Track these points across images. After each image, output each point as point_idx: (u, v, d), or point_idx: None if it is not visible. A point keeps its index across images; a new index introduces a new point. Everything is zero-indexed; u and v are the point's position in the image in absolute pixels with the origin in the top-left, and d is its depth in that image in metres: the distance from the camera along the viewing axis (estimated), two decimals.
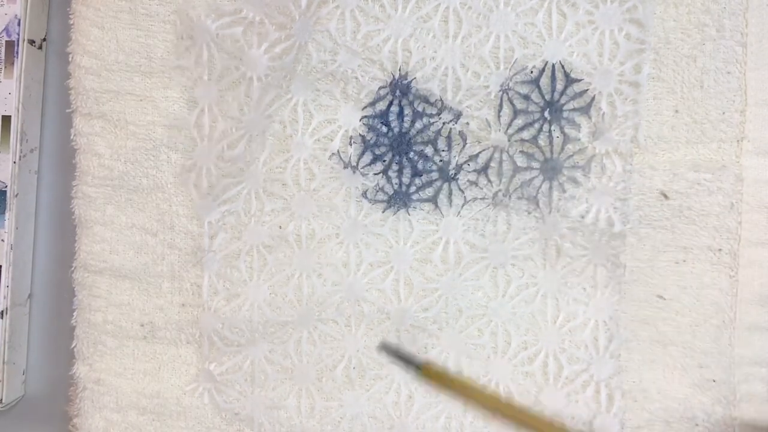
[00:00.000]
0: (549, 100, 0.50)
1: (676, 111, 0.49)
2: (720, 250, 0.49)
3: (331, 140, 0.51)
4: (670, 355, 0.50)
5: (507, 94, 0.50)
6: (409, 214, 0.51)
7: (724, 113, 0.49)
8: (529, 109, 0.50)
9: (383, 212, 0.51)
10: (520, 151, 0.50)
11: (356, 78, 0.51)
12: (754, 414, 0.49)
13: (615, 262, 0.50)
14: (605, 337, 0.50)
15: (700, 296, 0.49)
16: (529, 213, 0.50)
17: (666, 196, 0.49)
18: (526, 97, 0.50)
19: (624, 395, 0.50)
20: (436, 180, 0.51)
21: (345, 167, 0.51)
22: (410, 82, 0.50)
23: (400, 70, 0.50)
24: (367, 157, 0.51)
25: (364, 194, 0.51)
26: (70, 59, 0.52)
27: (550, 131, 0.50)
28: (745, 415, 0.50)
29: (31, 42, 0.54)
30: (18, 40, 0.53)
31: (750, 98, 0.49)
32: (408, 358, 0.49)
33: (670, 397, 0.50)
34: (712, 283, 0.49)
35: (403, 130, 0.51)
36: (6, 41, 0.53)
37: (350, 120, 0.51)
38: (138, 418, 0.53)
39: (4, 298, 0.54)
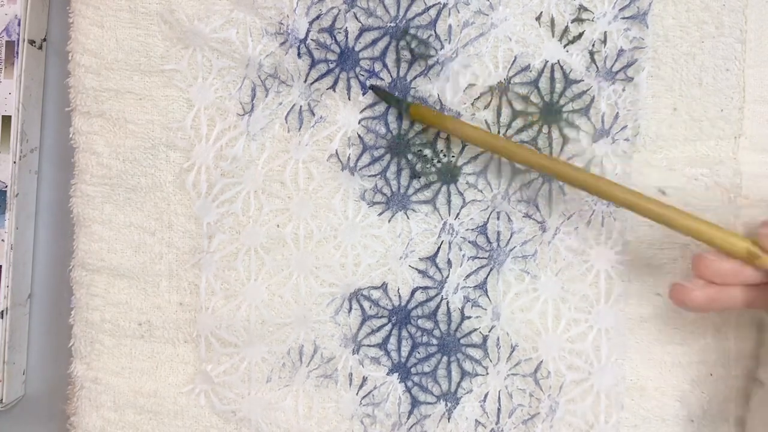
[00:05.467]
0: (548, 102, 0.50)
1: (675, 109, 0.49)
2: None
3: (330, 141, 0.51)
4: (668, 353, 0.49)
5: (506, 95, 0.50)
6: (407, 216, 0.51)
7: (722, 110, 0.49)
8: (528, 111, 0.50)
9: (381, 214, 0.51)
10: None
11: (356, 78, 0.51)
12: (752, 410, 0.49)
13: (618, 267, 0.49)
14: (607, 346, 0.50)
15: None
16: (529, 216, 0.50)
17: (663, 193, 0.49)
18: (526, 99, 0.50)
19: (624, 406, 0.49)
20: (435, 182, 0.51)
21: (343, 168, 0.51)
22: (409, 83, 0.50)
23: (399, 71, 0.51)
24: (366, 159, 0.51)
25: (362, 196, 0.51)
26: (69, 58, 0.52)
27: (549, 133, 0.50)
28: (742, 410, 0.49)
29: (31, 42, 0.55)
30: (18, 40, 0.54)
31: (748, 95, 0.49)
32: (396, 98, 0.50)
33: (668, 395, 0.49)
34: None
35: (402, 132, 0.51)
36: (6, 41, 0.54)
37: (349, 121, 0.51)
38: (135, 417, 0.52)
39: (4, 298, 0.54)
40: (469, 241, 0.51)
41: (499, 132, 0.50)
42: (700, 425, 0.49)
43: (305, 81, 0.51)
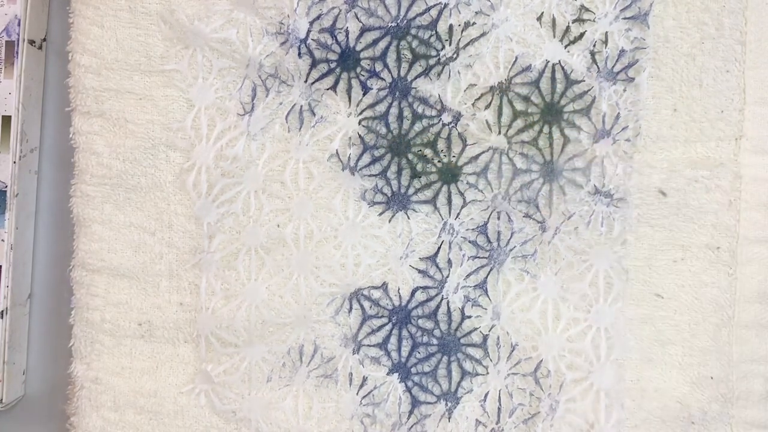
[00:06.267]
0: (549, 102, 0.50)
1: (675, 110, 0.49)
2: (718, 248, 0.49)
3: (331, 141, 0.51)
4: (669, 354, 0.49)
5: (507, 95, 0.50)
6: (408, 216, 0.51)
7: (722, 112, 0.49)
8: (529, 111, 0.50)
9: (381, 214, 0.51)
10: (520, 153, 0.50)
11: (356, 78, 0.51)
12: (751, 411, 0.49)
13: (617, 267, 0.50)
14: (606, 345, 0.50)
15: (699, 294, 0.49)
16: (530, 216, 0.50)
17: (664, 194, 0.49)
18: (526, 99, 0.50)
19: (625, 406, 0.50)
20: (435, 182, 0.51)
21: (344, 169, 0.51)
22: (410, 83, 0.50)
23: (400, 71, 0.51)
24: (366, 159, 0.51)
25: (363, 196, 0.51)
26: (69, 58, 0.52)
27: (550, 133, 0.50)
28: (742, 412, 0.49)
29: (31, 42, 0.55)
30: (18, 40, 0.54)
31: (749, 97, 0.49)
32: None
33: (668, 396, 0.49)
34: (710, 281, 0.49)
35: (403, 132, 0.51)
36: (6, 41, 0.54)
37: (350, 121, 0.51)
38: (135, 416, 0.52)
39: (4, 298, 0.54)
40: (469, 241, 0.51)
41: (500, 132, 0.50)
42: (700, 427, 0.49)
43: (306, 81, 0.51)
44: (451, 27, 0.50)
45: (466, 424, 0.51)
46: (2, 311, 0.54)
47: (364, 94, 0.51)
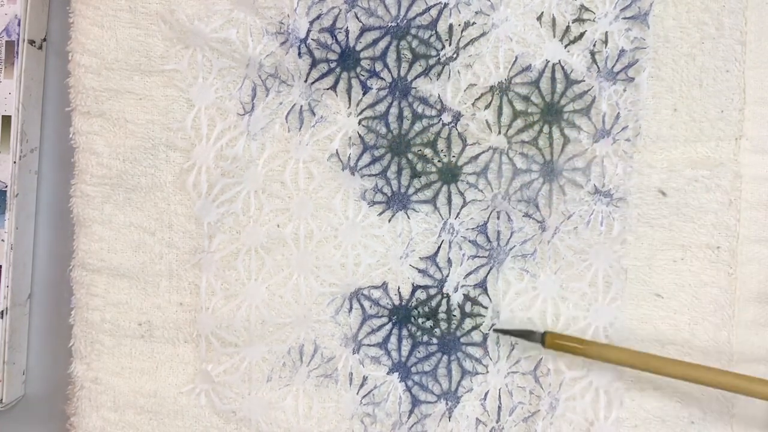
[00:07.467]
0: (549, 102, 0.50)
1: (675, 109, 0.49)
2: (718, 247, 0.49)
3: (331, 141, 0.51)
4: (669, 354, 0.49)
5: (507, 95, 0.50)
6: (408, 216, 0.51)
7: (722, 111, 0.49)
8: (529, 111, 0.50)
9: (381, 214, 0.51)
10: (520, 153, 0.50)
11: (356, 78, 0.51)
12: (751, 411, 0.49)
13: (616, 266, 0.50)
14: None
15: (699, 294, 0.49)
16: (529, 216, 0.50)
17: (664, 194, 0.49)
18: (526, 99, 0.50)
19: (624, 405, 0.50)
20: (435, 182, 0.51)
21: (344, 168, 0.51)
22: (410, 83, 0.50)
23: (400, 71, 0.51)
24: (366, 158, 0.51)
25: (363, 195, 0.51)
26: (69, 58, 0.52)
27: (550, 133, 0.50)
28: (742, 412, 0.49)
29: (31, 42, 0.55)
30: (18, 40, 0.54)
31: (749, 96, 0.49)
32: (526, 333, 0.49)
33: (668, 396, 0.50)
34: (710, 281, 0.49)
35: (403, 132, 0.51)
36: (6, 41, 0.54)
37: (350, 121, 0.51)
38: (135, 417, 0.52)
39: (4, 298, 0.54)
40: (469, 240, 0.51)
41: (500, 132, 0.50)
42: (700, 427, 0.49)
43: (306, 81, 0.51)
44: (451, 27, 0.50)
45: (467, 423, 0.51)
46: (2, 311, 0.54)
47: (364, 94, 0.51)
